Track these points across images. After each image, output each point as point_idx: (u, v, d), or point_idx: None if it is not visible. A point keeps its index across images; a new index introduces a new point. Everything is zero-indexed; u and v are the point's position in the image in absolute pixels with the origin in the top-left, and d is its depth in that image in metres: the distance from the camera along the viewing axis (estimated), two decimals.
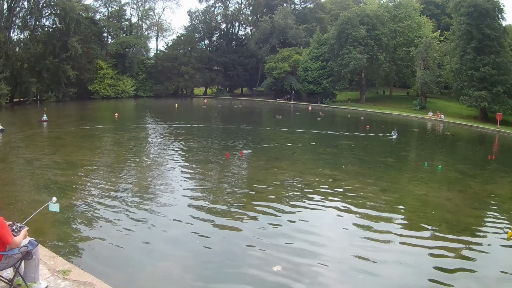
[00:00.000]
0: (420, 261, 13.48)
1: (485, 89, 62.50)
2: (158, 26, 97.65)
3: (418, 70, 77.92)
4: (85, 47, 69.68)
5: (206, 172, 23.92)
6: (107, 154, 28.40)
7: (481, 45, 62.56)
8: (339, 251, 13.78)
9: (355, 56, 77.56)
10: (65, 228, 13.88)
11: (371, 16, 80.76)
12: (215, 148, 32.04)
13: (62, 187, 18.79)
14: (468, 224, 17.43)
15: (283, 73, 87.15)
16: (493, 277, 12.73)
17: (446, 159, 34.33)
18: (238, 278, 11.29)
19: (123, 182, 20.34)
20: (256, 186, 21.17)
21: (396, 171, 28.11)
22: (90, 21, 79.92)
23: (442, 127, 61.65)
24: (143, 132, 40.21)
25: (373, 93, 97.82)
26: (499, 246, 15.18)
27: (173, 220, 15.26)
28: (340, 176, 24.61)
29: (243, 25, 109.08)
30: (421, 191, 22.57)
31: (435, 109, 73.84)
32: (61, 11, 64.31)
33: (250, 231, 14.74)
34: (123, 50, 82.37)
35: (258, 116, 66.60)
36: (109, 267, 11.30)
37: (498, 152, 41.98)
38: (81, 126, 39.68)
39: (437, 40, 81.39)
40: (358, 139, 42.89)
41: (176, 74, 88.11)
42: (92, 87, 76.32)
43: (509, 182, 27.05)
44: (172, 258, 12.32)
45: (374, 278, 12.08)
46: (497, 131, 57.79)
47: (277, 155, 30.34)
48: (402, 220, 17.47)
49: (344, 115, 71.15)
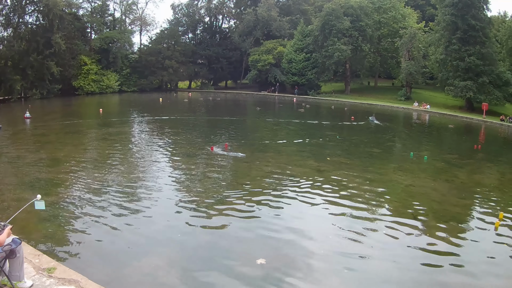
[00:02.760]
0: (407, 251, 13.32)
1: (470, 80, 62.26)
2: (142, 20, 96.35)
3: (403, 61, 77.52)
4: (68, 43, 68.53)
5: (190, 166, 23.53)
6: (92, 150, 27.88)
7: (466, 36, 62.24)
8: (324, 243, 13.57)
9: (340, 47, 77.09)
10: (50, 226, 13.76)
11: (355, 7, 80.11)
12: (199, 142, 31.52)
13: (46, 184, 18.60)
14: (455, 213, 17.25)
15: (267, 65, 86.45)
16: (481, 266, 12.56)
17: (432, 149, 34.12)
18: (222, 272, 11.23)
19: (108, 178, 20.00)
20: (241, 179, 20.97)
21: (382, 162, 27.78)
22: (74, 16, 78.54)
23: (428, 118, 61.55)
24: (127, 127, 39.57)
25: (358, 84, 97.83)
26: (487, 236, 14.98)
27: (158, 215, 15.17)
28: (325, 167, 24.27)
29: (227, 18, 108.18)
30: (407, 181, 22.27)
31: (420, 100, 73.80)
32: (44, 7, 63.22)
33: (234, 224, 14.67)
34: (107, 45, 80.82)
35: (241, 109, 66.20)
36: (94, 263, 11.25)
37: (484, 142, 41.83)
38: (65, 123, 38.96)
39: (422, 31, 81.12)
40: (343, 130, 42.66)
41: (160, 68, 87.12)
42: (77, 83, 75.16)
43: (496, 172, 26.88)
44: (157, 253, 12.24)
45: (360, 268, 11.95)
46: (483, 121, 57.74)
47: (261, 147, 29.99)
48: (388, 210, 17.20)
49: (329, 106, 70.96)
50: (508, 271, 12.43)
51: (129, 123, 42.79)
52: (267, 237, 13.68)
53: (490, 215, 17.10)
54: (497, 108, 63.94)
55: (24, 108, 44.94)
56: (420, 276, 11.76)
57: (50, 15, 62.53)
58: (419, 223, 15.71)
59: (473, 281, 11.72)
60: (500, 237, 14.84)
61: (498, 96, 62.03)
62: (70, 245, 12.48)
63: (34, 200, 9.73)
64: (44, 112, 48.25)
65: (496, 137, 48.31)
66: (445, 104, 71.94)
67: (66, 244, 12.50)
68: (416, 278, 11.64)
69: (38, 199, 9.66)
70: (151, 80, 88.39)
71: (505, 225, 15.91)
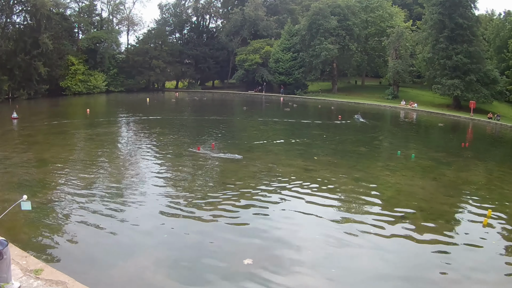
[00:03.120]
0: (395, 250, 13.28)
1: (458, 78, 62.39)
2: (129, 20, 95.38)
3: (390, 59, 77.64)
4: (56, 43, 67.62)
5: (177, 166, 23.34)
6: (79, 151, 27.60)
7: (454, 34, 62.39)
8: (311, 242, 13.51)
9: (327, 46, 76.86)
10: (37, 227, 13.72)
11: (342, 6, 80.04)
12: (186, 141, 31.15)
13: (33, 185, 18.38)
14: (443, 211, 17.15)
15: (254, 65, 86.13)
16: (470, 264, 12.57)
17: (420, 147, 33.90)
18: (209, 272, 11.26)
19: (95, 179, 19.93)
20: (228, 179, 20.75)
21: (369, 160, 27.58)
22: (61, 16, 77.43)
23: (416, 116, 61.67)
24: (114, 127, 39.10)
25: (345, 83, 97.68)
26: (475, 233, 14.93)
27: (144, 215, 15.14)
28: (312, 166, 24.07)
29: (214, 17, 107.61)
30: (395, 180, 22.16)
31: (407, 98, 73.92)
32: (32, 7, 62.45)
33: (221, 225, 14.61)
34: (94, 46, 79.95)
35: (228, 108, 65.80)
36: (81, 264, 11.23)
37: (472, 140, 41.91)
38: (52, 123, 38.44)
39: (409, 29, 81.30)
40: (330, 129, 42.52)
41: (147, 68, 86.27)
42: (64, 83, 74.05)
43: (484, 169, 26.89)
44: (144, 253, 12.25)
45: (348, 268, 12.00)
46: (470, 119, 57.93)
47: (248, 146, 29.69)
48: (376, 209, 17.01)
49: (316, 105, 70.80)
50: (497, 269, 12.38)
51: (116, 123, 42.28)
52: (254, 237, 13.63)
53: (478, 212, 17.04)
54: (484, 106, 64.08)
55: (11, 108, 44.41)
56: (408, 274, 11.72)
57: (37, 15, 61.82)
58: (407, 222, 15.57)
59: (462, 278, 11.67)
60: (488, 234, 14.80)
61: (486, 94, 62.14)
62: (57, 246, 12.36)
63: (20, 201, 9.70)
64: (32, 113, 47.58)
65: (484, 135, 48.42)
66: (432, 102, 71.94)
67: (53, 245, 12.40)
68: (404, 276, 11.59)
69: (25, 199, 9.64)
70: (138, 80, 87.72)
71: (493, 222, 15.85)
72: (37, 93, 65.36)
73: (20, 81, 62.83)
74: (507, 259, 13.13)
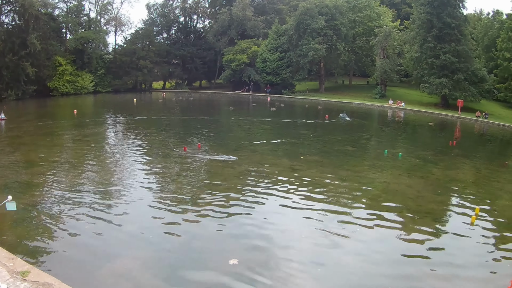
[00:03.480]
0: (383, 249, 13.23)
1: (445, 77, 62.56)
2: (117, 20, 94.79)
3: (378, 59, 77.87)
4: (44, 44, 67.18)
5: (164, 167, 23.04)
6: (66, 151, 27.31)
7: (442, 34, 62.57)
8: (298, 242, 13.52)
9: (314, 46, 76.76)
10: (24, 229, 13.63)
11: (330, 6, 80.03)
12: (173, 142, 30.82)
13: (20, 187, 18.27)
14: (431, 209, 17.03)
15: (241, 65, 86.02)
16: (457, 262, 12.51)
17: (407, 146, 33.81)
18: (195, 272, 11.30)
19: (82, 180, 19.76)
20: (214, 179, 20.61)
21: (356, 160, 27.39)
22: (49, 17, 76.88)
23: (403, 115, 61.74)
24: (102, 127, 38.72)
25: (333, 82, 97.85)
26: (463, 231, 14.84)
27: (131, 216, 15.09)
28: (299, 166, 23.83)
29: (202, 17, 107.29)
30: (382, 179, 21.99)
31: (395, 97, 74.04)
32: (20, 7, 62.21)
33: (207, 225, 14.57)
34: (82, 46, 79.42)
35: (215, 108, 65.55)
36: (68, 266, 11.21)
37: (460, 138, 41.82)
38: (40, 124, 37.93)
39: (397, 29, 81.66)
40: (317, 128, 42.31)
41: (134, 69, 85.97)
42: (51, 84, 73.54)
43: (472, 167, 26.74)
44: (130, 254, 12.22)
45: (335, 267, 12.02)
46: (458, 118, 58.14)
47: (235, 146, 29.48)
48: (363, 208, 16.86)
49: (303, 105, 70.72)
50: (485, 266, 12.38)
51: (103, 124, 41.89)
52: (240, 237, 13.65)
53: (466, 210, 16.96)
54: (472, 105, 64.30)
55: None
56: (395, 272, 11.71)
57: (26, 15, 61.57)
58: (394, 220, 15.47)
59: (450, 275, 11.66)
60: (476, 232, 14.77)
61: (474, 92, 62.24)
62: (44, 248, 12.28)
63: (5, 202, 9.93)
64: (19, 114, 47.12)
65: (472, 133, 48.57)
66: (420, 101, 72.06)
67: (40, 247, 12.31)
68: (391, 274, 11.56)
69: (9, 200, 9.96)
70: (125, 81, 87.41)
71: (481, 220, 15.80)
72: (24, 93, 64.65)
73: (8, 81, 62.26)
74: (494, 256, 13.01)
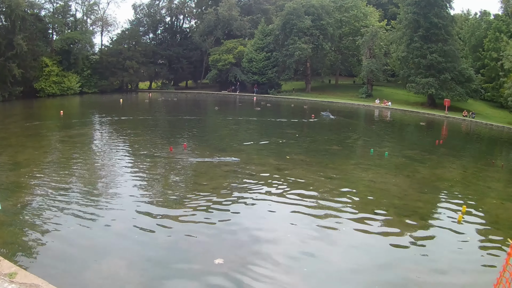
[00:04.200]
0: (369, 248, 13.22)
1: (432, 76, 62.90)
2: (103, 21, 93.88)
3: (364, 58, 77.99)
4: (30, 45, 66.41)
5: (150, 167, 22.79)
6: (53, 153, 26.91)
7: (429, 34, 62.90)
8: (283, 241, 13.58)
9: (300, 46, 76.76)
10: (11, 230, 13.57)
11: (316, 6, 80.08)
12: (159, 142, 30.50)
13: (7, 188, 18.03)
14: (417, 208, 16.96)
15: (227, 65, 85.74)
16: (444, 260, 12.53)
17: (393, 145, 33.72)
18: (181, 272, 11.32)
19: (69, 180, 19.57)
20: (200, 179, 20.50)
21: (342, 159, 27.12)
22: (35, 17, 76.25)
23: (389, 114, 61.81)
24: (88, 128, 38.24)
25: (319, 82, 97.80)
26: (449, 229, 14.81)
27: (117, 217, 14.97)
28: (284, 165, 23.59)
29: (188, 17, 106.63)
30: (368, 178, 21.81)
31: (381, 97, 74.17)
32: (6, 8, 61.54)
33: (193, 225, 14.47)
34: (68, 46, 78.77)
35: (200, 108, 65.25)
36: (55, 267, 11.14)
37: (447, 137, 41.83)
38: (26, 125, 37.43)
39: (384, 29, 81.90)
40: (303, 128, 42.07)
41: (120, 69, 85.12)
42: (38, 85, 72.75)
43: (459, 166, 26.74)
44: (117, 254, 12.20)
45: (321, 266, 11.90)
46: (445, 117, 58.46)
47: (221, 146, 29.32)
48: (349, 207, 16.69)
49: (289, 104, 70.59)
50: (472, 263, 12.47)
51: (90, 124, 41.43)
52: (226, 237, 13.65)
53: (453, 208, 16.90)
54: (459, 104, 64.66)
55: None
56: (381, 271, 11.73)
57: (12, 16, 61.06)
58: (381, 219, 15.41)
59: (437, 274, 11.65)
60: (463, 230, 14.76)
61: (461, 92, 62.55)
62: (31, 249, 12.27)
63: None
64: (5, 115, 46.57)
65: (459, 132, 48.73)
66: (407, 101, 72.36)
67: (27, 249, 12.29)
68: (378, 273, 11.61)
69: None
70: (112, 81, 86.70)
71: (468, 218, 15.78)
72: (11, 95, 63.79)
73: None
74: (481, 253, 13.07)
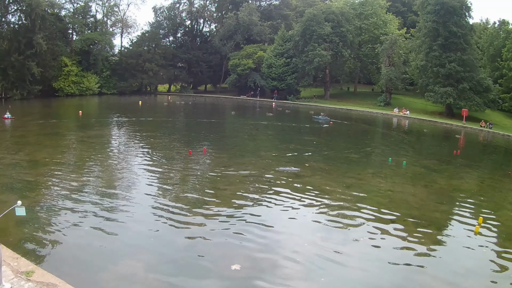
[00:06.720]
0: (386, 257, 13.17)
1: (450, 86, 62.49)
2: (123, 22, 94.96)
3: (383, 66, 77.67)
4: (50, 44, 67.48)
5: (169, 170, 23.08)
6: (71, 152, 27.39)
7: (447, 42, 62.55)
8: (301, 249, 13.41)
9: (320, 52, 76.76)
10: (29, 228, 13.66)
11: (336, 13, 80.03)
12: (177, 145, 31.00)
13: (25, 187, 18.30)
14: (434, 219, 17.02)
15: (247, 69, 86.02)
16: (460, 271, 12.57)
17: (411, 155, 33.79)
18: (198, 277, 11.27)
19: (86, 181, 19.77)
20: (218, 183, 20.60)
21: (360, 167, 27.24)
22: (56, 17, 77.24)
23: (408, 123, 61.60)
24: (106, 129, 38.85)
25: (338, 89, 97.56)
26: (466, 240, 14.87)
27: (135, 219, 15.05)
28: (303, 172, 23.76)
29: (208, 21, 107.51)
30: (386, 187, 21.93)
31: (400, 105, 73.80)
32: (27, 7, 62.35)
33: (211, 229, 14.52)
34: (88, 47, 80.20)
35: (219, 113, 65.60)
36: (72, 267, 11.21)
37: (464, 148, 41.74)
38: (45, 124, 38.05)
39: (403, 37, 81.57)
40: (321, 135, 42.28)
41: (140, 71, 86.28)
42: (57, 85, 73.96)
43: (475, 177, 26.74)
44: (134, 257, 12.23)
45: (337, 275, 11.90)
46: (462, 127, 57.97)
47: (240, 151, 29.63)
48: (367, 216, 16.77)
49: (307, 111, 70.24)
50: (488, 276, 12.41)
51: (108, 125, 42.02)
52: (243, 243, 13.53)
53: (470, 220, 16.95)
54: (477, 114, 64.18)
55: (4, 108, 44.02)
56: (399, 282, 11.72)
57: (32, 15, 61.72)
58: (398, 229, 15.41)
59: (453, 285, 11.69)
60: (479, 241, 14.77)
61: (479, 102, 62.09)
62: (48, 248, 12.32)
63: (14, 207, 9.63)
64: (24, 113, 47.13)
65: (476, 142, 48.40)
66: (425, 110, 71.98)
67: (45, 247, 12.33)
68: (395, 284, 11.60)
69: (19, 205, 9.56)
70: (131, 83, 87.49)
71: (485, 230, 15.78)
72: (30, 93, 65.00)
73: (13, 81, 62.72)
74: (497, 266, 13.05)
